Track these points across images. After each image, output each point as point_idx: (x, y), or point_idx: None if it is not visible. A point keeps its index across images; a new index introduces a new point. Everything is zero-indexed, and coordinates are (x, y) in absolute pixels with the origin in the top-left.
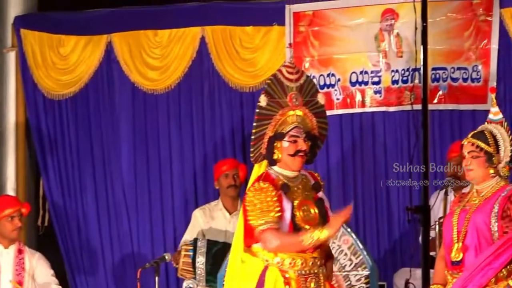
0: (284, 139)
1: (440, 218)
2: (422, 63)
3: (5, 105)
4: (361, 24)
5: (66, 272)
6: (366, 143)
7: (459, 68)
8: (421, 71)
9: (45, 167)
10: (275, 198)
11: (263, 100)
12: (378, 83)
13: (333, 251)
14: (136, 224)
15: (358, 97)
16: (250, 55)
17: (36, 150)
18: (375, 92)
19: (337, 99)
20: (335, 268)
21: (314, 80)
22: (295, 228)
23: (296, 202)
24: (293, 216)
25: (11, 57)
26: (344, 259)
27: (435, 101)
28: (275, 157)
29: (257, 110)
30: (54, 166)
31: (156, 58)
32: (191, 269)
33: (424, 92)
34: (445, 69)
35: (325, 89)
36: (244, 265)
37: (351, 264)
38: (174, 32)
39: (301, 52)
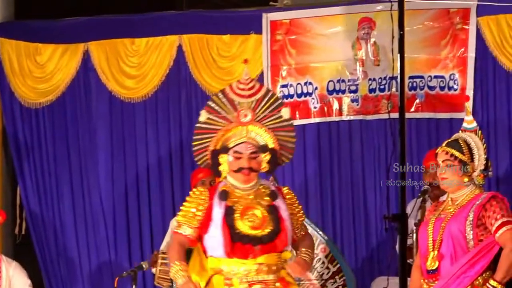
0: (229, 153)
1: (415, 223)
2: (399, 71)
3: None
4: (338, 33)
5: (43, 281)
6: (343, 152)
7: (436, 77)
8: (398, 80)
9: (22, 176)
10: (201, 207)
11: (202, 115)
12: (355, 91)
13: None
14: (114, 232)
15: (335, 106)
16: (227, 64)
17: (13, 159)
18: (352, 101)
19: (314, 107)
20: (312, 276)
21: (291, 89)
22: (233, 234)
23: (239, 209)
24: (232, 223)
25: None
26: (322, 267)
27: (412, 109)
28: (220, 168)
29: (197, 125)
30: (31, 175)
31: (133, 66)
32: (168, 277)
33: (401, 100)
34: (422, 77)
35: (302, 98)
36: (193, 274)
37: (328, 272)
38: (151, 41)
39: (278, 61)
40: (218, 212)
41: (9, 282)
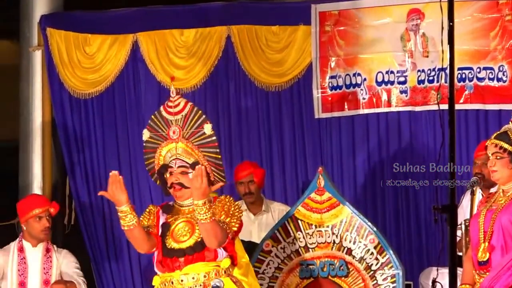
0: (168, 171)
1: (466, 220)
2: (448, 63)
3: (32, 104)
4: (387, 24)
5: (93, 271)
6: (392, 143)
7: (485, 68)
8: (448, 71)
9: (72, 166)
10: (153, 215)
11: (145, 134)
12: (404, 82)
13: (359, 250)
14: None
15: (384, 97)
16: (276, 55)
17: (63, 149)
18: (401, 92)
19: (363, 98)
20: (361, 266)
21: (340, 80)
22: (164, 250)
23: (174, 225)
24: (164, 240)
25: (37, 56)
26: (371, 258)
27: (461, 101)
28: (169, 186)
29: (143, 144)
30: (81, 165)
31: (182, 57)
32: None
33: (451, 92)
34: (471, 69)
35: (351, 89)
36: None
37: (377, 263)
38: (200, 31)
39: (327, 52)
40: (160, 221)
41: (60, 270)
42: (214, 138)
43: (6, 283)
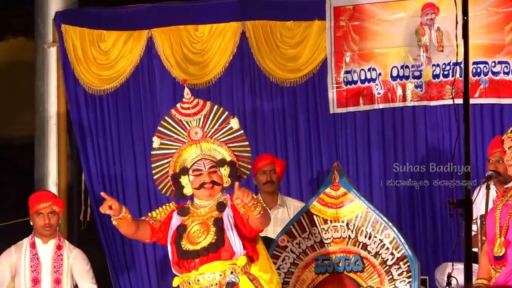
0: (189, 173)
1: (482, 215)
2: (463, 57)
3: (47, 100)
4: (402, 19)
5: (108, 268)
6: (407, 137)
7: (500, 62)
8: (462, 65)
9: (87, 162)
10: (166, 211)
11: (155, 142)
12: (419, 77)
13: (374, 245)
14: None
15: (399, 92)
16: (291, 50)
17: (78, 145)
18: (416, 87)
19: (378, 93)
20: (376, 261)
21: (355, 75)
22: (179, 251)
23: (190, 227)
24: (179, 242)
25: (52, 53)
26: (386, 253)
27: (476, 95)
28: (185, 191)
29: (152, 152)
30: (96, 161)
31: (197, 53)
32: None
33: (465, 86)
34: (486, 63)
35: (366, 84)
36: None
37: (393, 258)
38: (215, 27)
39: (342, 47)
40: (172, 228)
41: (70, 268)
42: (242, 131)
43: (19, 279)
